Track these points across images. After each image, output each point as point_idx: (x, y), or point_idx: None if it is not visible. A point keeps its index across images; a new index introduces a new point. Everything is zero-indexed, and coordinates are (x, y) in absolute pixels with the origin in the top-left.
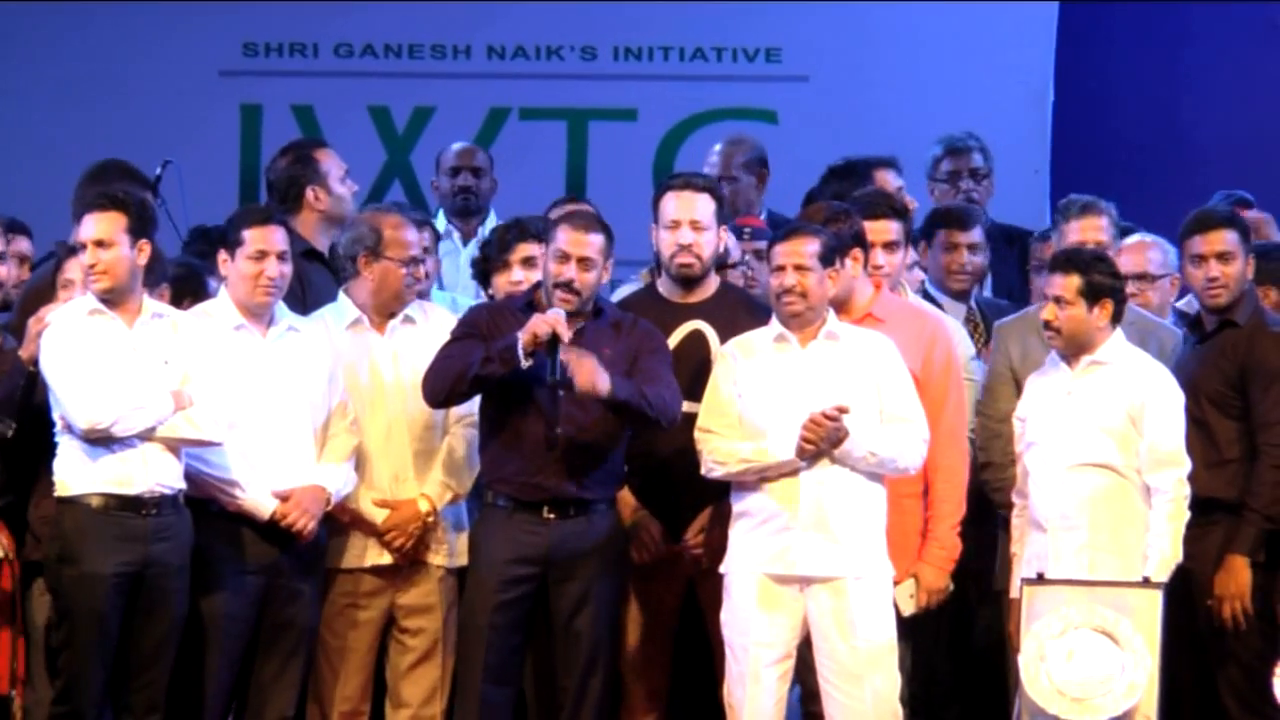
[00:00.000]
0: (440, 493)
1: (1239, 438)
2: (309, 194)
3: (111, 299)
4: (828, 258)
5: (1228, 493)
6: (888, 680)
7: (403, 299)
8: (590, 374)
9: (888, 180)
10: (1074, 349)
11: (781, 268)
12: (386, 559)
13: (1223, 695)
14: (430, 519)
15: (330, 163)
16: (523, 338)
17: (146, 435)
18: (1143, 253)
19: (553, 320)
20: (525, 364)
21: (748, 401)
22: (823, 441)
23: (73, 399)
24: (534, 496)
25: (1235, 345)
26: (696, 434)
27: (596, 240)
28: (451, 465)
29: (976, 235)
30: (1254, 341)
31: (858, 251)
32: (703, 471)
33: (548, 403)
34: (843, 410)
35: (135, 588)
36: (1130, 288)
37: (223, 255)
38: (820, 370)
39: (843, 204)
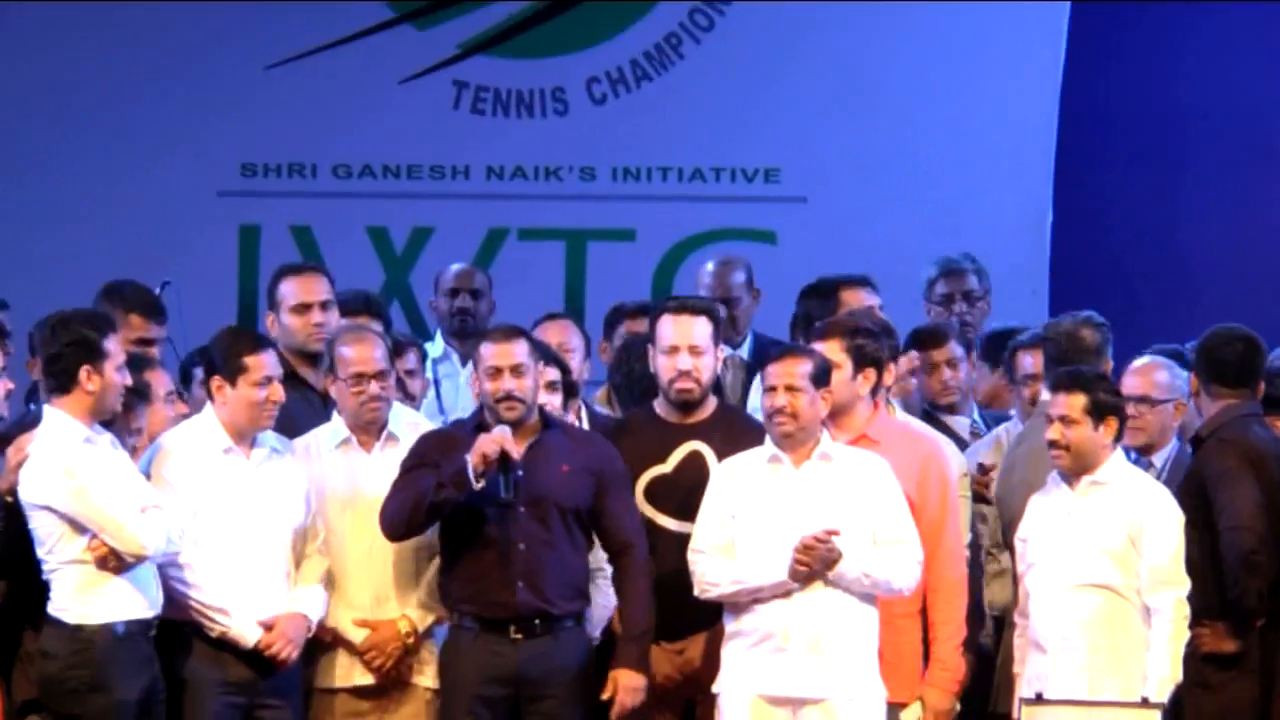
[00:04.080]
0: (422, 615)
1: (1209, 548)
2: (268, 318)
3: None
4: (820, 378)
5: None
6: None
7: (360, 416)
8: (632, 695)
9: (860, 298)
10: (1079, 468)
11: (773, 388)
12: (369, 679)
13: None
14: (411, 640)
15: (290, 291)
16: (472, 460)
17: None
18: (1149, 375)
19: (499, 438)
20: (477, 486)
21: (741, 522)
22: (815, 564)
23: (124, 528)
24: (498, 615)
25: (1196, 461)
26: (690, 555)
27: (521, 347)
28: (435, 587)
29: (951, 350)
30: (1205, 452)
31: (871, 371)
32: (696, 592)
33: (504, 521)
34: (833, 533)
35: (142, 711)
36: (1130, 410)
37: (217, 381)
38: (813, 491)
39: (873, 323)
